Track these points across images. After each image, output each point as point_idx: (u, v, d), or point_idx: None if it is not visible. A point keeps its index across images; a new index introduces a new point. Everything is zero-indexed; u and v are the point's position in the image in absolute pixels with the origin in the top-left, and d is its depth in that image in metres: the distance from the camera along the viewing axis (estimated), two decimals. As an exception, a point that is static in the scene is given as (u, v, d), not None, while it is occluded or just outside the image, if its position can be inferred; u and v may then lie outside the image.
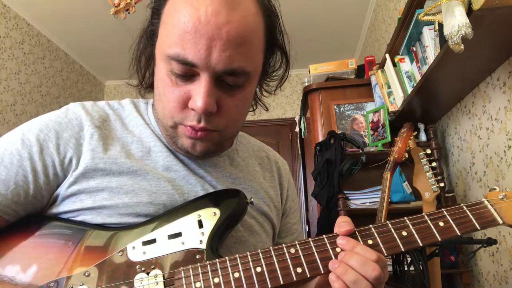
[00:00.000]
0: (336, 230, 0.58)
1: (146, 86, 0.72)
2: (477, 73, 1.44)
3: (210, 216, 0.62)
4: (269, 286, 0.54)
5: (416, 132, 1.57)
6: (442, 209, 0.60)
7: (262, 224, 0.74)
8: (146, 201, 0.63)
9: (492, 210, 0.60)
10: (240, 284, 0.54)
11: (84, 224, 0.61)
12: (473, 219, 0.59)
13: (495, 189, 0.64)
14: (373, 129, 2.01)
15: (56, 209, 0.63)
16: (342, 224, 0.58)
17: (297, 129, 3.01)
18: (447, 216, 0.59)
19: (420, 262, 1.21)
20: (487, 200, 0.61)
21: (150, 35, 0.65)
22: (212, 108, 0.59)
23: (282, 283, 0.54)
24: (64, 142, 0.63)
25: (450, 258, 1.68)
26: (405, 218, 0.59)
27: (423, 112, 1.80)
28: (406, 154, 1.47)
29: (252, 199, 0.66)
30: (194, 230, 0.60)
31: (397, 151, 1.47)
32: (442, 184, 1.35)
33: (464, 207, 0.60)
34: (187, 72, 0.59)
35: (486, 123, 1.48)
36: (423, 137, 1.85)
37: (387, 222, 0.59)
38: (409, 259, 1.26)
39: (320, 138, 2.15)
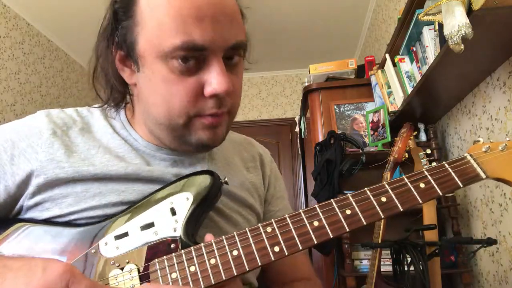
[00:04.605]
0: None
1: (116, 103, 0.68)
2: (477, 73, 1.44)
3: (183, 201, 0.59)
4: (247, 268, 0.52)
5: (416, 132, 1.56)
6: (423, 169, 0.57)
7: (246, 217, 0.72)
8: (115, 201, 0.60)
9: (475, 165, 0.56)
10: (217, 270, 0.52)
11: (52, 222, 0.59)
12: (455, 177, 0.55)
13: (479, 141, 0.59)
14: (373, 129, 2.01)
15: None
16: None
17: (297, 129, 3.01)
18: (428, 176, 0.56)
19: (420, 262, 1.21)
20: (470, 155, 0.57)
21: (121, 40, 0.60)
22: (231, 88, 0.58)
23: (260, 264, 0.52)
24: (19, 152, 0.60)
25: (450, 258, 1.68)
26: (384, 183, 0.56)
27: (423, 112, 1.80)
28: (406, 154, 1.47)
29: (226, 179, 0.63)
30: (167, 218, 0.58)
31: (397, 151, 1.47)
32: (442, 184, 1.35)
33: (446, 164, 0.56)
34: (194, 60, 0.56)
35: (486, 123, 1.48)
36: (423, 137, 1.85)
37: (365, 189, 0.56)
38: (409, 259, 1.26)
39: (320, 138, 2.15)
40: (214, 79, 0.56)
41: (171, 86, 0.57)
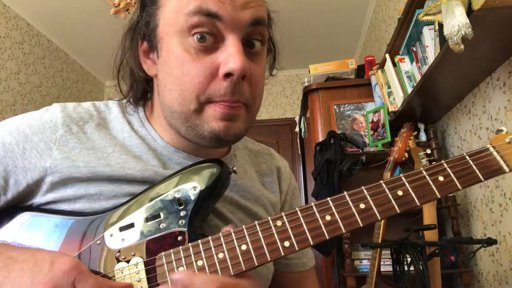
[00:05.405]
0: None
1: (136, 98, 0.66)
2: (477, 73, 1.44)
3: (190, 191, 0.56)
4: (256, 264, 0.51)
5: (416, 132, 1.57)
6: (443, 161, 0.54)
7: None
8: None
9: (498, 158, 0.52)
10: (226, 265, 0.51)
11: (57, 212, 0.57)
12: (476, 170, 0.52)
13: (502, 130, 0.56)
14: (373, 129, 2.01)
15: None
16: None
17: (297, 129, 3.01)
18: (448, 169, 0.53)
19: (420, 262, 1.21)
20: (492, 146, 0.53)
21: (145, 29, 0.60)
22: (247, 70, 0.54)
23: (269, 259, 0.51)
24: (31, 147, 0.58)
25: (450, 258, 1.68)
26: (401, 175, 0.53)
27: (423, 112, 1.80)
28: (406, 154, 1.47)
29: (234, 168, 0.60)
30: (173, 209, 0.55)
31: (397, 151, 1.47)
32: (442, 184, 1.35)
33: (467, 156, 0.53)
34: (212, 39, 0.55)
35: (486, 123, 1.48)
36: (423, 137, 1.85)
37: (381, 181, 0.53)
38: (409, 259, 1.26)
39: (320, 138, 2.15)
40: (229, 57, 0.54)
41: (184, 65, 0.55)
